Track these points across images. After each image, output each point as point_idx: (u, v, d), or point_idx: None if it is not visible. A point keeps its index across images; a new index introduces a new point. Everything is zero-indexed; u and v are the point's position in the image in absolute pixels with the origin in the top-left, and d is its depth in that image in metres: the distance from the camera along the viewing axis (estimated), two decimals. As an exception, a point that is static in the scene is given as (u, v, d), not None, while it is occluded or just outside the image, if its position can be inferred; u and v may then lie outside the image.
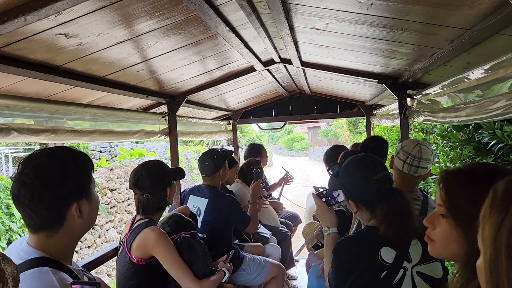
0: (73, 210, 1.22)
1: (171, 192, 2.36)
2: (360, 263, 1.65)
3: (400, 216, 1.63)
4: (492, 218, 0.67)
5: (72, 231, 1.25)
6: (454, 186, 1.06)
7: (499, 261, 0.64)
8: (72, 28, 1.57)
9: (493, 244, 0.66)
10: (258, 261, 3.29)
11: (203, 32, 2.11)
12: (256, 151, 4.84)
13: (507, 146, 3.18)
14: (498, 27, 1.52)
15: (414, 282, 1.64)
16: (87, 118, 2.46)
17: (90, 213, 1.30)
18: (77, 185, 1.25)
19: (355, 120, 11.96)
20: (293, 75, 3.97)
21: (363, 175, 1.74)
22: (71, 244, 1.30)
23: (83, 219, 1.26)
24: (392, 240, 1.62)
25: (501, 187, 0.70)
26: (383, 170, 1.76)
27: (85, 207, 1.26)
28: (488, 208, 0.70)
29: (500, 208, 0.67)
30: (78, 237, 1.33)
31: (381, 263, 1.61)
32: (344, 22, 1.93)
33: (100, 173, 6.72)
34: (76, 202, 1.23)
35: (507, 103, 1.66)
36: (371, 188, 1.71)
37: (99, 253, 2.43)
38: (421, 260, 1.64)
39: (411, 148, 2.19)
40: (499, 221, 0.66)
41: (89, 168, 1.32)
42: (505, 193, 0.68)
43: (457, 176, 1.09)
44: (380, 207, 1.67)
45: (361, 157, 1.87)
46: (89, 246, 5.79)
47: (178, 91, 3.36)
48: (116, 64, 2.17)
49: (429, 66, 2.28)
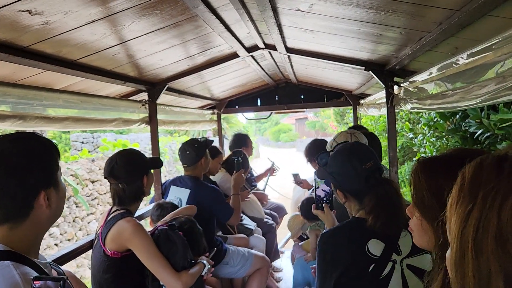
0: (41, 199, 1.14)
1: (148, 182, 2.27)
2: (347, 256, 1.58)
3: (389, 207, 1.57)
4: (459, 209, 0.59)
5: (38, 222, 1.17)
6: (419, 176, 1.01)
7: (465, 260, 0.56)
8: (36, 4, 1.45)
9: (459, 240, 0.58)
10: (242, 253, 3.22)
11: (181, 13, 2.00)
12: (241, 141, 4.75)
13: (494, 135, 3.16)
14: (488, 7, 1.45)
15: (404, 275, 1.57)
16: (60, 104, 2.33)
17: (58, 203, 1.23)
18: (44, 173, 1.17)
19: (342, 111, 11.94)
20: (278, 62, 3.88)
21: (352, 164, 1.67)
22: (37, 236, 1.22)
23: (51, 209, 1.18)
24: (380, 232, 1.56)
25: (469, 172, 0.61)
26: (372, 159, 1.69)
27: (53, 196, 1.19)
28: (455, 197, 0.61)
29: (468, 198, 0.58)
30: (44, 228, 1.25)
31: (369, 256, 1.55)
32: (329, 3, 1.84)
33: (81, 164, 6.56)
34: (44, 191, 1.15)
35: (496, 87, 1.60)
36: (360, 177, 1.65)
37: (74, 245, 2.32)
38: (411, 252, 1.58)
39: (349, 139, 2.23)
40: (466, 213, 0.57)
41: (56, 155, 1.23)
42: (472, 180, 0.59)
43: (423, 165, 1.03)
44: (368, 198, 1.61)
45: (350, 145, 1.81)
46: (70, 239, 5.66)
47: (158, 78, 3.24)
48: (88, 46, 2.04)
49: (417, 52, 2.21)
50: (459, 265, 0.58)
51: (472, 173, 0.60)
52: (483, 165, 0.59)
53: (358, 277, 1.56)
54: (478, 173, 0.59)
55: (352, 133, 2.30)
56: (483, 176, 0.58)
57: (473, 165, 0.61)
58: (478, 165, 0.60)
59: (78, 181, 6.02)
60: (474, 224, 0.55)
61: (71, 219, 5.88)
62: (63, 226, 5.66)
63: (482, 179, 0.58)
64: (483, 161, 0.60)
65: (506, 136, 3.07)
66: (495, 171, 0.57)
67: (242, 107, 5.58)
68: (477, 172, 0.59)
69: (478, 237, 0.55)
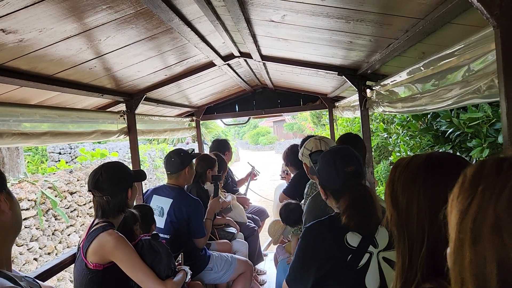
0: (2, 202, 1.17)
1: (133, 194, 2.28)
2: (326, 247, 1.68)
3: (362, 210, 1.67)
4: (459, 204, 0.64)
5: (4, 228, 1.19)
6: (389, 177, 1.09)
7: (464, 249, 0.61)
8: (9, 23, 1.46)
9: (458, 230, 0.63)
10: (225, 259, 3.25)
11: (156, 26, 2.03)
12: (221, 146, 4.78)
13: (464, 133, 3.29)
14: (450, 16, 1.54)
15: (381, 267, 1.67)
16: (37, 119, 2.32)
17: (16, 208, 1.24)
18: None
19: (319, 113, 12.09)
20: (254, 69, 3.94)
21: (335, 164, 1.79)
22: (6, 246, 1.23)
23: (13, 213, 1.20)
24: (354, 229, 1.66)
25: (470, 172, 0.66)
26: (356, 164, 1.79)
27: (10, 200, 1.21)
28: (456, 193, 0.67)
29: (467, 194, 0.64)
30: (11, 237, 1.26)
31: (347, 247, 1.65)
32: (300, 14, 1.91)
33: (59, 176, 6.45)
34: (2, 194, 1.18)
35: (461, 91, 1.69)
36: (339, 178, 1.76)
37: (56, 260, 2.31)
38: (388, 246, 1.68)
39: (318, 145, 2.34)
40: (465, 207, 0.63)
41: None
42: (473, 178, 0.65)
43: (393, 168, 1.11)
44: (343, 199, 1.71)
45: (338, 148, 1.93)
46: (50, 253, 5.55)
47: (136, 89, 3.25)
48: (65, 61, 2.05)
49: (386, 57, 2.30)
50: (458, 253, 0.63)
51: (473, 172, 0.66)
52: (484, 165, 0.65)
53: (337, 267, 1.66)
54: (479, 171, 0.65)
55: (320, 139, 2.41)
56: (483, 174, 0.63)
57: (475, 165, 0.67)
58: (479, 165, 0.66)
59: (56, 194, 5.91)
60: (473, 215, 0.61)
61: (50, 232, 5.76)
62: (42, 240, 5.54)
63: (482, 177, 0.63)
64: (484, 162, 0.66)
65: (476, 134, 3.20)
66: (495, 169, 0.62)
67: (221, 113, 5.62)
68: (478, 170, 0.65)
69: (476, 226, 0.60)
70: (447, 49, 1.70)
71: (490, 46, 1.39)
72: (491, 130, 3.03)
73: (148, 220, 2.54)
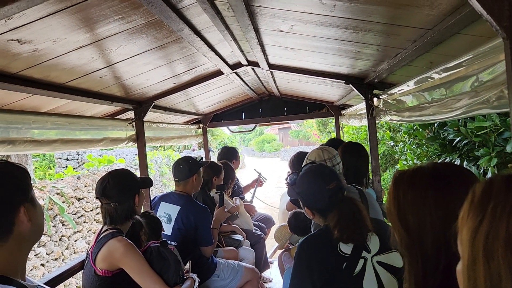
0: (21, 214, 1.15)
1: (140, 201, 2.31)
2: (321, 259, 1.71)
3: (352, 222, 1.71)
4: (470, 222, 0.65)
5: (22, 238, 1.17)
6: (391, 194, 1.09)
7: (477, 266, 0.61)
8: (25, 34, 1.49)
9: (470, 248, 0.63)
10: (232, 266, 3.25)
11: (166, 36, 2.06)
12: (229, 154, 4.80)
13: (471, 142, 3.28)
14: (458, 26, 1.55)
15: (377, 271, 1.69)
16: (48, 127, 2.35)
17: (38, 219, 1.23)
18: (20, 188, 1.18)
19: (325, 120, 12.10)
20: (261, 77, 3.96)
21: (317, 184, 1.85)
22: (22, 255, 1.22)
23: (32, 224, 1.18)
24: (347, 241, 1.70)
25: (479, 190, 0.67)
26: (336, 180, 1.86)
27: (31, 212, 1.19)
28: (466, 210, 0.68)
29: (478, 211, 0.64)
30: (28, 246, 1.25)
31: (341, 255, 1.68)
32: (309, 24, 1.93)
33: (66, 182, 6.49)
34: (23, 206, 1.16)
35: (470, 101, 1.69)
36: (324, 196, 1.81)
37: (65, 266, 2.33)
38: (380, 250, 1.71)
39: (321, 154, 2.33)
40: (476, 225, 0.63)
41: (27, 174, 1.25)
42: (483, 195, 0.65)
43: (394, 184, 1.10)
44: (332, 214, 1.76)
45: (315, 167, 1.98)
46: (57, 259, 5.58)
47: (144, 97, 3.28)
48: (76, 70, 2.08)
49: (394, 66, 2.31)
50: (471, 271, 0.63)
51: (482, 189, 0.67)
52: (493, 182, 0.66)
53: (334, 277, 1.68)
54: (488, 188, 0.66)
55: (322, 148, 2.41)
56: (493, 191, 0.64)
57: (483, 182, 0.68)
58: (488, 182, 0.67)
59: (64, 200, 5.95)
60: (485, 233, 0.61)
61: (57, 238, 5.80)
62: (49, 246, 5.58)
63: (492, 194, 0.64)
64: (493, 179, 0.67)
65: (483, 143, 3.19)
66: (505, 187, 0.63)
67: (227, 121, 5.65)
68: (487, 187, 0.66)
69: (488, 244, 0.60)
70: (455, 59, 1.71)
71: (499, 56, 1.39)
72: (499, 139, 3.02)
73: (157, 232, 2.54)
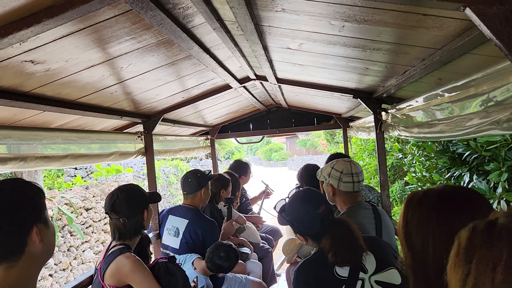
0: (33, 235, 1.16)
1: (148, 216, 2.32)
2: (320, 283, 1.71)
3: (346, 245, 1.71)
4: (456, 273, 0.67)
5: (34, 258, 1.18)
6: (402, 215, 1.10)
7: None
8: (38, 55, 1.52)
9: None
10: (240, 280, 3.24)
11: (176, 53, 2.08)
12: (240, 168, 4.80)
13: (481, 156, 3.26)
14: (468, 47, 1.55)
15: None
16: (59, 142, 2.38)
17: (50, 239, 1.24)
18: (34, 208, 1.19)
19: (333, 130, 12.08)
20: (269, 90, 3.98)
21: (307, 210, 1.83)
22: (34, 275, 1.23)
23: (43, 244, 1.19)
24: (342, 265, 1.70)
25: (464, 238, 0.69)
26: (324, 203, 1.85)
27: (44, 232, 1.20)
28: (453, 261, 0.69)
29: (463, 262, 0.66)
30: (40, 266, 1.25)
31: (338, 279, 1.68)
32: (317, 43, 1.94)
33: (75, 193, 6.53)
34: (36, 226, 1.17)
35: (480, 121, 1.68)
36: (315, 221, 1.80)
37: (74, 282, 2.33)
38: (377, 269, 1.70)
39: (349, 167, 2.28)
40: (463, 277, 0.65)
41: (41, 193, 1.27)
42: (468, 245, 0.67)
43: (405, 205, 1.12)
44: (325, 238, 1.76)
45: (302, 193, 1.96)
46: (65, 269, 5.60)
47: (153, 110, 3.31)
48: (88, 87, 2.11)
49: (402, 83, 2.31)
50: None
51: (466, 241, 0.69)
52: (475, 232, 0.68)
53: None
54: (471, 240, 0.68)
55: (350, 161, 2.36)
56: (476, 245, 0.66)
57: (467, 231, 0.70)
58: (471, 232, 0.69)
59: (72, 210, 5.99)
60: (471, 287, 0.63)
61: (65, 249, 5.82)
62: (57, 256, 5.60)
63: (475, 247, 0.66)
64: (476, 228, 0.69)
65: (493, 158, 3.16)
66: (486, 239, 0.66)
67: (235, 132, 5.66)
68: (470, 239, 0.68)
69: None
70: (465, 78, 1.70)
71: (509, 78, 1.39)
72: (510, 153, 3.00)
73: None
